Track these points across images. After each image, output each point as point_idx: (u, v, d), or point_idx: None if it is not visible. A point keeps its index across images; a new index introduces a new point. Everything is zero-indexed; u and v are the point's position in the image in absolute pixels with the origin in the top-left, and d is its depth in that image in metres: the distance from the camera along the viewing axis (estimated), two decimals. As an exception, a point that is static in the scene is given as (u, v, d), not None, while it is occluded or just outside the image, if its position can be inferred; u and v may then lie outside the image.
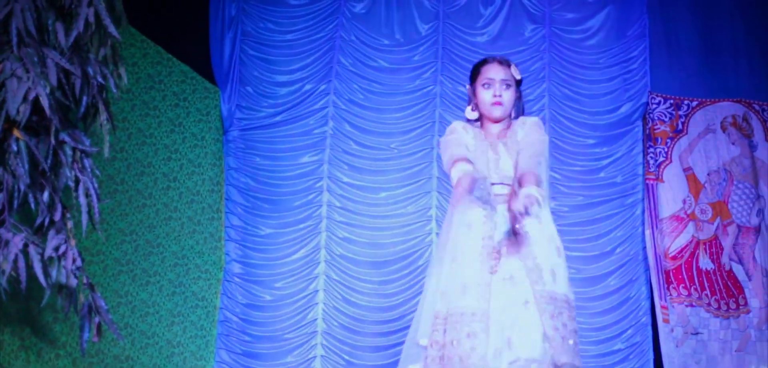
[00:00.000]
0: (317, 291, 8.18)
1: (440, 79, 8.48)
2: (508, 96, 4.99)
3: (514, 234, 4.72)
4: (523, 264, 4.66)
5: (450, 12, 8.62)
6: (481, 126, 5.09)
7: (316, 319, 8.14)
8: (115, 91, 5.22)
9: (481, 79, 5.02)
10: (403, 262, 8.22)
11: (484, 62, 5.13)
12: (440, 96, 8.45)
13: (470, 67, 8.16)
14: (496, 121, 5.03)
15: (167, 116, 7.68)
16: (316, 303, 8.16)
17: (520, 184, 4.60)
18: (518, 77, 5.08)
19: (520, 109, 5.12)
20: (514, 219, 4.64)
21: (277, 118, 8.41)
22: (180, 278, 7.62)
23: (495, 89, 4.97)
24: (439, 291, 4.69)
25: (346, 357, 8.05)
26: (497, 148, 4.94)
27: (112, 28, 5.07)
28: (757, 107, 8.51)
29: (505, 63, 5.07)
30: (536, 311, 4.59)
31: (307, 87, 8.48)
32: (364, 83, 8.48)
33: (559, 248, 4.80)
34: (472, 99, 5.11)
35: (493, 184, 4.84)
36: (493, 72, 5.01)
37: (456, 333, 4.55)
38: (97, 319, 4.99)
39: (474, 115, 5.11)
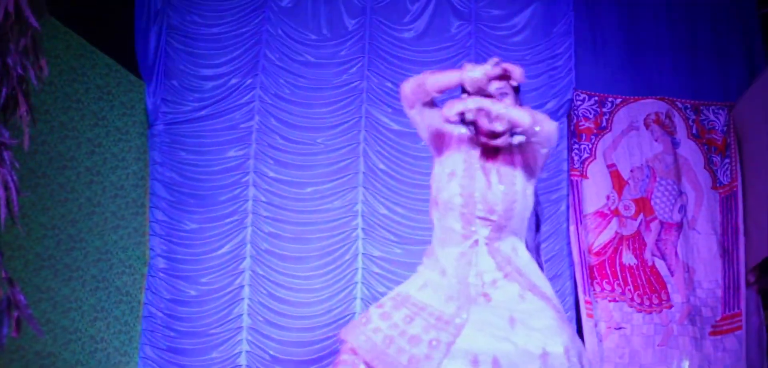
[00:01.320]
0: (243, 286, 8.14)
1: (367, 74, 8.48)
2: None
3: None
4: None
5: (377, 7, 8.62)
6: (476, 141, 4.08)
7: (241, 315, 8.10)
8: (35, 82, 5.13)
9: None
10: (329, 258, 8.21)
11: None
12: (367, 91, 8.45)
13: (397, 62, 8.27)
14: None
15: (90, 109, 7.58)
16: (242, 299, 8.12)
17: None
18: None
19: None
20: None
21: (203, 113, 8.35)
22: (103, 273, 7.53)
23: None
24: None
25: (272, 353, 8.02)
26: (490, 173, 3.98)
27: (32, 19, 4.99)
28: (680, 105, 8.61)
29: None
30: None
31: (233, 81, 8.43)
32: (290, 78, 8.46)
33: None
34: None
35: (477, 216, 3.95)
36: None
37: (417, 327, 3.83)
38: (16, 314, 4.92)
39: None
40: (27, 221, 6.23)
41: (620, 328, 8.13)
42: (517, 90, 4.03)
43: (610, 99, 8.63)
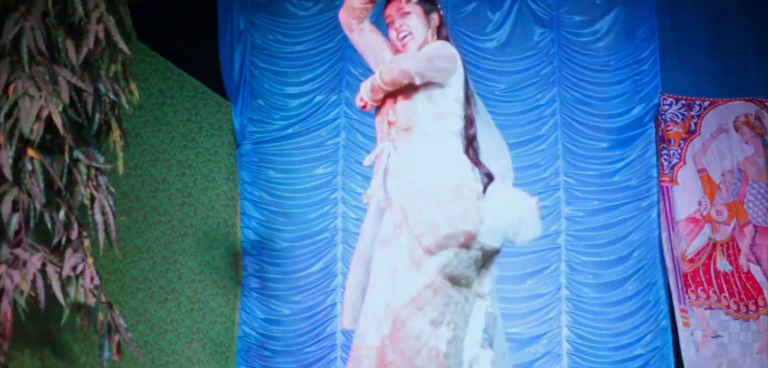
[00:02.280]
0: (335, 304, 8.12)
1: (451, 85, 8.44)
2: (414, 23, 4.47)
3: None
4: None
5: (458, 18, 8.58)
6: None
7: (335, 332, 8.08)
8: (127, 107, 5.22)
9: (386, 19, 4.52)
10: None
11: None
12: (453, 101, 8.41)
13: (480, 72, 8.22)
14: None
15: (180, 131, 7.67)
16: (335, 316, 8.10)
17: None
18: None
19: (443, 35, 4.61)
20: None
21: (290, 130, 8.38)
22: (198, 294, 7.60)
23: (395, 25, 4.48)
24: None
25: (367, 369, 8.01)
26: None
27: (122, 45, 5.07)
28: (769, 105, 8.49)
29: None
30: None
31: (318, 98, 8.45)
32: (374, 92, 8.44)
33: None
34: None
35: None
36: (389, 8, 4.51)
37: None
38: (116, 338, 4.98)
39: None
40: (122, 244, 6.29)
41: (717, 336, 8.00)
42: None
43: (697, 102, 8.51)
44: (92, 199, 4.91)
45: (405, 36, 4.35)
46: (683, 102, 8.49)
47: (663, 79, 8.50)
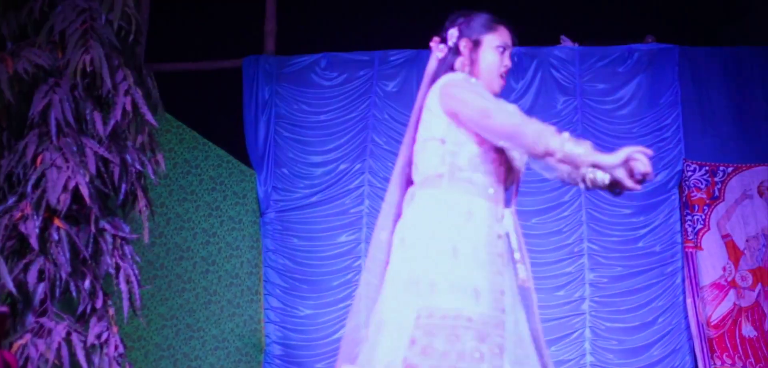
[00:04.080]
0: (358, 371, 8.14)
1: (475, 153, 8.47)
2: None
3: None
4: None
5: (479, 86, 8.63)
6: None
7: (357, 399, 8.09)
8: (153, 177, 5.27)
9: (495, 40, 3.86)
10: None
11: (495, 19, 3.92)
12: (474, 170, 8.44)
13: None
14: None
15: (204, 200, 7.74)
16: (357, 384, 8.12)
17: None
18: None
19: None
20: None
21: (313, 199, 8.45)
22: (221, 361, 7.62)
23: (507, 59, 3.87)
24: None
25: (389, 438, 8.00)
26: None
27: (149, 116, 5.13)
28: (792, 171, 8.47)
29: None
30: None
31: (342, 166, 8.52)
32: (398, 161, 8.50)
33: None
34: (464, 54, 3.88)
35: None
36: (509, 38, 3.89)
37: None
38: (140, 405, 5.00)
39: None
40: (146, 312, 6.34)
41: (743, 401, 7.96)
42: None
43: (721, 168, 8.50)
44: (117, 268, 4.95)
45: (506, 69, 3.88)
46: (707, 168, 8.48)
47: (686, 145, 8.49)
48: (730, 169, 8.49)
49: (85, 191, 4.72)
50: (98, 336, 4.84)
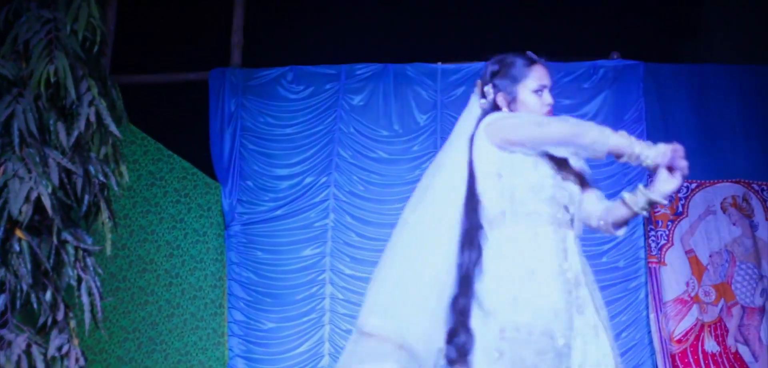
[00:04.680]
0: (321, 384, 8.15)
1: (440, 168, 8.49)
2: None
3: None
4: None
5: (447, 102, 8.66)
6: None
7: (320, 412, 8.11)
8: (116, 188, 5.23)
9: (532, 83, 3.90)
10: (407, 354, 8.17)
11: (531, 60, 3.96)
12: (440, 185, 8.45)
13: (470, 154, 8.26)
14: None
15: (168, 212, 7.70)
16: (321, 397, 8.14)
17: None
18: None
19: None
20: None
21: (278, 212, 8.44)
22: (183, 375, 7.59)
23: (547, 98, 3.92)
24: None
25: None
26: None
27: (113, 127, 5.10)
28: (756, 187, 8.50)
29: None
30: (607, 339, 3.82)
31: (308, 180, 8.52)
32: (364, 175, 8.51)
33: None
34: (504, 102, 3.93)
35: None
36: (547, 78, 3.95)
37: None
38: (101, 419, 4.96)
39: None
40: (108, 324, 6.31)
41: (705, 417, 8.00)
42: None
43: (685, 184, 8.55)
44: (79, 280, 4.91)
45: (548, 108, 3.93)
46: (671, 184, 8.52)
47: (651, 161, 8.53)
48: (693, 185, 8.54)
49: (47, 202, 4.68)
50: (59, 349, 4.79)
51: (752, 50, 9.40)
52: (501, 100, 3.93)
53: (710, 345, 8.16)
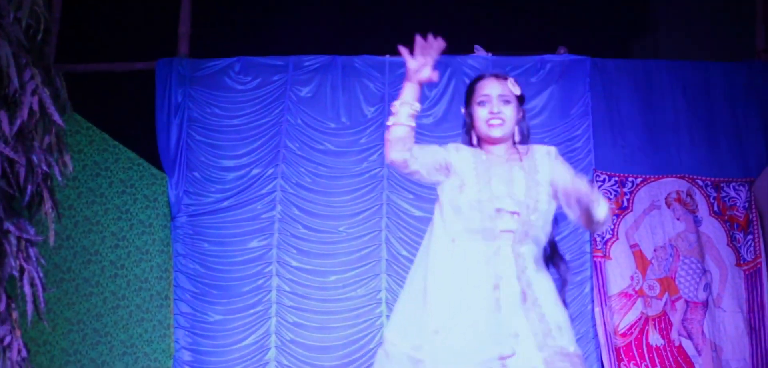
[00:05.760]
0: (268, 376, 8.13)
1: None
2: (508, 112, 4.26)
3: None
4: (527, 318, 3.99)
5: (395, 94, 8.57)
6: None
7: (266, 404, 8.09)
8: (60, 178, 5.18)
9: (477, 97, 4.29)
10: (353, 346, 8.18)
11: (478, 78, 4.42)
12: (387, 178, 8.46)
13: (417, 148, 8.27)
14: (496, 142, 4.28)
15: (114, 203, 7.64)
16: (267, 388, 8.12)
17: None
18: (518, 92, 4.36)
19: (524, 131, 4.39)
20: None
21: (225, 204, 8.40)
22: (129, 367, 7.52)
23: (492, 105, 4.26)
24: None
25: (298, 442, 8.01)
26: (511, 170, 4.20)
27: (56, 116, 5.05)
28: (700, 182, 8.58)
29: (501, 77, 4.38)
30: None
31: (255, 171, 8.48)
32: (311, 166, 8.50)
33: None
34: (468, 123, 4.35)
35: (500, 210, 4.08)
36: (489, 87, 4.30)
37: None
38: (43, 411, 4.92)
39: (474, 142, 4.32)
40: (52, 316, 6.25)
41: (649, 409, 8.07)
42: (520, 100, 4.39)
43: (630, 179, 8.61)
44: (21, 271, 4.86)
45: (497, 122, 4.26)
46: (616, 179, 8.59)
47: (596, 156, 8.59)
48: (638, 180, 8.61)
49: (-12, 192, 4.63)
50: (1, 340, 4.75)
51: (697, 47, 9.52)
52: (468, 119, 4.38)
53: (654, 338, 8.22)
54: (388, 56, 8.75)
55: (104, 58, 8.85)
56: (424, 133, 8.40)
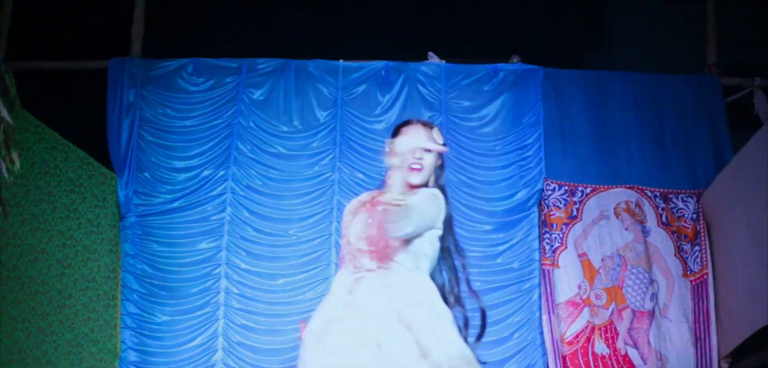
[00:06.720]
0: (215, 379, 8.10)
1: (338, 165, 8.50)
2: (428, 161, 4.56)
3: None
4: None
5: (348, 99, 8.68)
6: None
7: (212, 407, 8.06)
8: (7, 176, 5.15)
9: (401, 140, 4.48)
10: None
11: (406, 123, 4.70)
12: (338, 183, 8.47)
13: (368, 153, 8.31)
14: (414, 187, 4.50)
15: (62, 202, 7.58)
16: (214, 391, 8.09)
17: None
18: (441, 142, 4.58)
19: (438, 177, 4.68)
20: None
21: (175, 204, 8.37)
22: (74, 366, 7.46)
23: (415, 153, 4.48)
24: None
25: None
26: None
27: (5, 113, 5.03)
28: (649, 193, 8.65)
29: (427, 126, 4.67)
30: None
31: (206, 173, 8.46)
32: (262, 169, 8.49)
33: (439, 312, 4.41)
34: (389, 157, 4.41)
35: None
36: (414, 135, 4.56)
37: None
38: (-15, 409, 4.88)
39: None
40: (-3, 314, 6.20)
41: (594, 418, 8.12)
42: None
43: (580, 188, 8.66)
44: (-35, 267, 4.84)
45: (416, 167, 4.55)
46: (566, 188, 8.64)
47: (547, 165, 8.64)
48: (588, 190, 8.66)
49: (-67, 187, 4.60)
50: (-57, 336, 4.72)
51: (649, 59, 9.61)
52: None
53: (600, 347, 8.27)
54: (341, 61, 8.77)
55: (56, 56, 8.80)
56: (375, 138, 8.44)
